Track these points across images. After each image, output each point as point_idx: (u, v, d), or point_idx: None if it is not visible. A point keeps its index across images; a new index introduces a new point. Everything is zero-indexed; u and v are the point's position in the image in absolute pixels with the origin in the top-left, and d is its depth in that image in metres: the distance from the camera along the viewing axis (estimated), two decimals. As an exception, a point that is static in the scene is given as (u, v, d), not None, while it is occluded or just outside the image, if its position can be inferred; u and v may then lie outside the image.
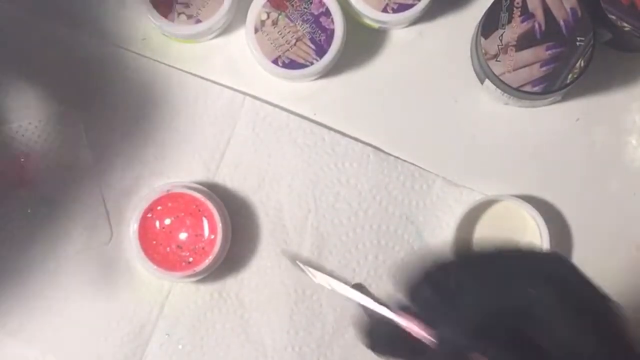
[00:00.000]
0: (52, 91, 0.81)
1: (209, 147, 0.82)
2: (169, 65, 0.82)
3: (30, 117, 0.80)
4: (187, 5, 0.80)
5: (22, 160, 0.80)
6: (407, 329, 0.55)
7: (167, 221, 0.78)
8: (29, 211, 0.80)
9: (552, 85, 0.78)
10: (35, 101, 0.72)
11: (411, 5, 0.80)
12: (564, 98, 0.82)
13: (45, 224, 0.80)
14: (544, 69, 0.77)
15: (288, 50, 0.80)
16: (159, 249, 0.78)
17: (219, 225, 0.78)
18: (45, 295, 0.80)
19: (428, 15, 0.82)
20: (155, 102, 0.82)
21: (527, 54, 0.78)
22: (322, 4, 0.80)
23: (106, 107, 0.82)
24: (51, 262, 0.80)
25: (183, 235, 0.79)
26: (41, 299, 0.80)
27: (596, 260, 0.81)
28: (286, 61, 0.80)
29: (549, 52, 0.77)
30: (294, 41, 0.80)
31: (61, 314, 0.80)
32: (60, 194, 0.80)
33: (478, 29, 0.79)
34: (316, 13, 0.80)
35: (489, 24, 0.78)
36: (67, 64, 0.82)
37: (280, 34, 0.80)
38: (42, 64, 0.81)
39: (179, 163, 0.81)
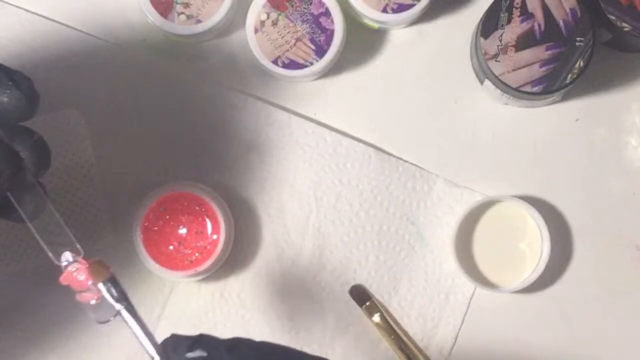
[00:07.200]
0: (52, 91, 0.81)
1: (211, 146, 0.82)
2: (170, 66, 0.82)
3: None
4: (187, 5, 0.80)
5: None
6: None
7: (171, 221, 0.79)
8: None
9: (552, 85, 0.78)
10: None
11: (411, 6, 0.80)
12: (564, 98, 0.82)
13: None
14: (543, 69, 0.78)
15: (288, 50, 0.80)
16: (161, 248, 0.79)
17: (222, 226, 0.78)
18: (46, 295, 0.80)
19: (428, 15, 0.82)
20: (156, 103, 0.82)
21: (527, 54, 0.78)
22: (322, 4, 0.80)
23: (107, 106, 0.82)
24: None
25: (183, 231, 0.79)
26: (42, 298, 0.80)
27: (596, 260, 0.82)
28: (286, 61, 0.80)
29: (549, 52, 0.78)
30: (293, 41, 0.80)
31: (63, 313, 0.80)
32: (62, 194, 0.80)
33: (477, 29, 0.79)
34: (316, 13, 0.80)
35: (488, 24, 0.78)
36: (66, 64, 0.82)
37: (280, 34, 0.80)
38: (41, 64, 0.81)
39: (182, 163, 0.82)
